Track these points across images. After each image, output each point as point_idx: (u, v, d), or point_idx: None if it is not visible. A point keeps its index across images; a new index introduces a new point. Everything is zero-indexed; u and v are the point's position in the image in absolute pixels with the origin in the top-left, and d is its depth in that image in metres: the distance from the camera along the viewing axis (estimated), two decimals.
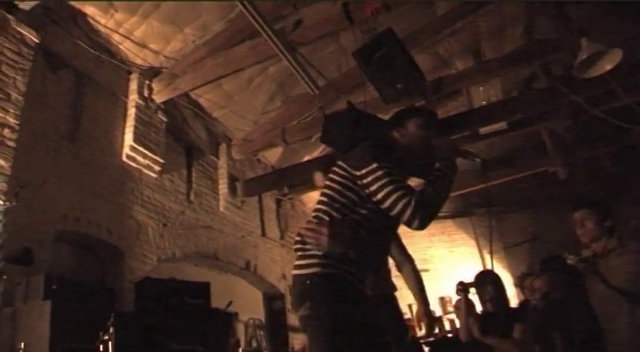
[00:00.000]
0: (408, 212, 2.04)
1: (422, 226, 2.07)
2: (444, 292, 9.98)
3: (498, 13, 6.58)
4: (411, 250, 10.75)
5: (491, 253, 8.96)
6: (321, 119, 6.23)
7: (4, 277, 3.69)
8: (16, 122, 4.21)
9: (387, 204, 2.07)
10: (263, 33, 5.14)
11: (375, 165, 2.13)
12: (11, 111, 4.20)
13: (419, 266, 10.60)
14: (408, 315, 5.38)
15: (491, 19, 6.69)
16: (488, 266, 9.39)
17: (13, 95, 4.24)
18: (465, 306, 4.46)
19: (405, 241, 10.96)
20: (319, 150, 8.38)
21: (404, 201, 2.05)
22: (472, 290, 4.63)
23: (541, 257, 6.21)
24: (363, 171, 2.15)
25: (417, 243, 10.26)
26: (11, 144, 4.14)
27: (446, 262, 10.26)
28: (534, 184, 8.42)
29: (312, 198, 9.60)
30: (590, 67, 4.89)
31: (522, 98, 6.81)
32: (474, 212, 10.31)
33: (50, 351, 3.63)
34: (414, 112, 2.53)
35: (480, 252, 10.14)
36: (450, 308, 9.80)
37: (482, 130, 7.43)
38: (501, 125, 7.35)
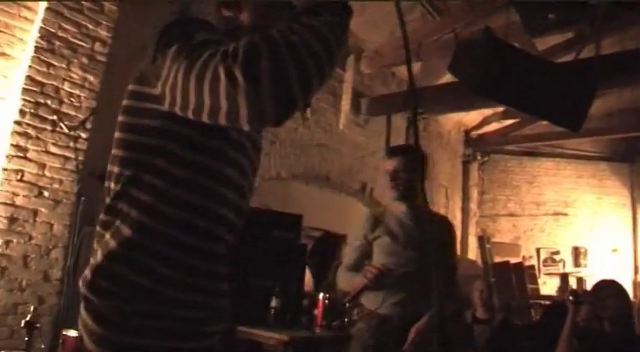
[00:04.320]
0: (213, 66, 0.94)
1: (250, 81, 0.90)
2: (580, 242, 8.97)
3: None
4: (552, 190, 9.76)
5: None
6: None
7: (83, 198, 3.64)
8: (109, 35, 4.00)
9: (188, 96, 0.99)
10: None
11: (172, 50, 1.04)
12: (104, 23, 3.97)
13: (558, 209, 9.57)
14: None
15: None
16: None
17: (107, 6, 3.99)
18: (570, 323, 3.55)
19: (547, 179, 9.93)
20: None
21: (205, 58, 0.96)
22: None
23: None
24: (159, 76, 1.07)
25: (561, 182, 9.19)
26: (101, 58, 3.95)
27: (590, 209, 9.10)
28: None
29: (451, 119, 8.82)
30: None
31: None
32: (635, 158, 8.85)
33: None
34: None
35: (634, 205, 8.81)
36: (583, 261, 8.85)
37: None
38: None
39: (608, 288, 3.65)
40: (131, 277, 1.07)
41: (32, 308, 2.94)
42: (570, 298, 3.52)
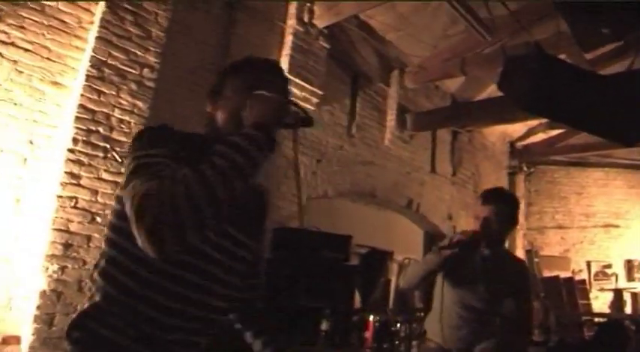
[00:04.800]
0: (132, 213, 1.14)
1: (150, 244, 1.10)
2: (633, 254, 8.65)
3: None
4: (602, 201, 9.53)
5: None
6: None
7: None
8: (156, 61, 4.03)
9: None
10: None
11: (127, 162, 1.32)
12: (151, 49, 4.01)
13: (608, 220, 9.29)
14: None
15: None
16: None
17: (154, 32, 4.03)
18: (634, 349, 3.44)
19: (596, 190, 9.68)
20: None
21: (131, 186, 1.20)
22: None
23: None
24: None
25: (611, 193, 8.93)
26: (150, 84, 3.99)
27: None
28: None
29: (496, 130, 8.66)
30: None
31: None
32: None
33: None
34: (238, 67, 1.53)
35: None
36: (637, 275, 8.55)
37: None
38: None
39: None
40: (97, 330, 1.29)
41: None
42: (632, 327, 3.41)
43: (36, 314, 3.35)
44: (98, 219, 3.66)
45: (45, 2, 3.75)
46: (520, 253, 8.87)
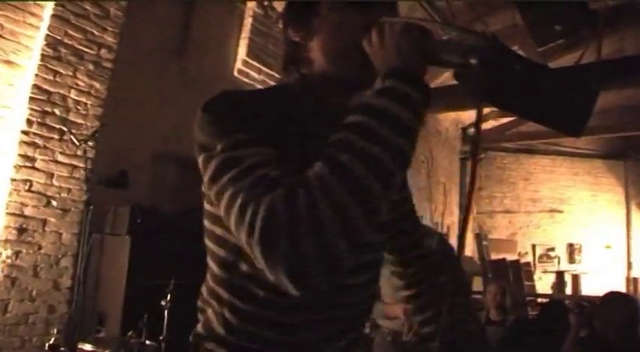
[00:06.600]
0: (254, 236, 0.73)
1: (291, 283, 0.72)
2: (574, 238, 9.07)
3: None
4: (548, 187, 9.88)
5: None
6: None
7: (91, 207, 3.62)
8: (114, 41, 3.95)
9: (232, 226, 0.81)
10: None
11: (209, 150, 0.87)
12: (109, 29, 3.93)
13: (553, 205, 9.66)
14: None
15: None
16: (635, 221, 8.30)
17: (112, 11, 3.94)
18: (573, 334, 3.59)
19: (543, 176, 10.01)
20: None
21: (243, 210, 0.76)
22: None
23: None
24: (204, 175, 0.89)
25: (556, 179, 9.27)
26: (108, 65, 3.91)
27: (585, 207, 9.23)
28: None
29: (449, 117, 8.85)
30: None
31: None
32: (630, 156, 8.94)
33: (127, 286, 3.64)
34: None
35: (628, 202, 8.93)
36: (577, 257, 8.97)
37: None
38: None
39: (616, 301, 3.62)
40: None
41: (55, 330, 2.91)
42: (576, 311, 3.54)
43: None
44: (54, 203, 3.60)
45: None
46: (470, 236, 9.13)
